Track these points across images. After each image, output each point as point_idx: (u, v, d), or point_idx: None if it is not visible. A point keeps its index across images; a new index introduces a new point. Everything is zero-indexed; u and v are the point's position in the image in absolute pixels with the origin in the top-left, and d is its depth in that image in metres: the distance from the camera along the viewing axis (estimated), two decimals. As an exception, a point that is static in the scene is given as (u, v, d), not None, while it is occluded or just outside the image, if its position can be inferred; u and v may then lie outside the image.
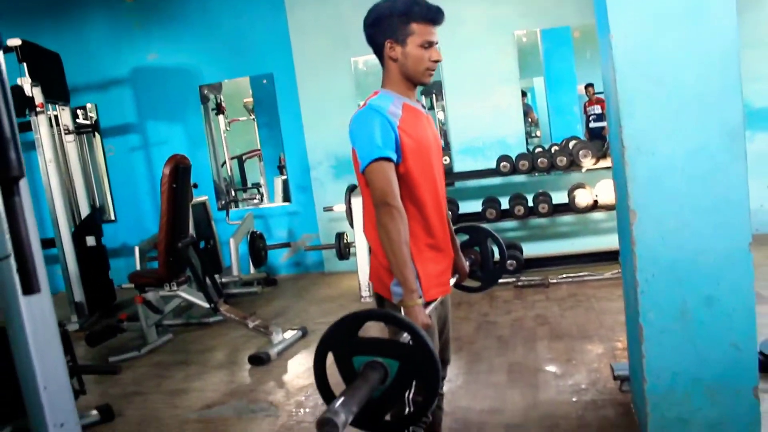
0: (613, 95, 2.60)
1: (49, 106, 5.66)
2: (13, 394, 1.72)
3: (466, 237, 2.65)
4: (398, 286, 2.08)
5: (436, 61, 2.16)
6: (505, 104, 6.46)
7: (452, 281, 2.40)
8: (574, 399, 3.20)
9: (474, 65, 6.40)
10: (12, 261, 1.41)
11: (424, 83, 2.20)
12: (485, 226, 2.70)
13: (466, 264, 2.54)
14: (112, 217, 7.41)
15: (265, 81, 7.14)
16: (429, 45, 2.13)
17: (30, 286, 1.09)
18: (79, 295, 5.68)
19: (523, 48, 6.72)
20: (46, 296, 1.49)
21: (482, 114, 6.45)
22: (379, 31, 2.14)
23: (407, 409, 2.12)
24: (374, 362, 1.65)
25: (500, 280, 4.89)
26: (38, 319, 1.46)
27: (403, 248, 1.99)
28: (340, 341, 1.71)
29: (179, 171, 4.45)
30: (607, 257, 5.57)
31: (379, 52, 2.17)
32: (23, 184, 1.20)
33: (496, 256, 2.74)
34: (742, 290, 2.53)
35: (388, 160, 2.00)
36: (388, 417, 1.82)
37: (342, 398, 1.49)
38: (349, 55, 6.62)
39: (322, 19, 6.62)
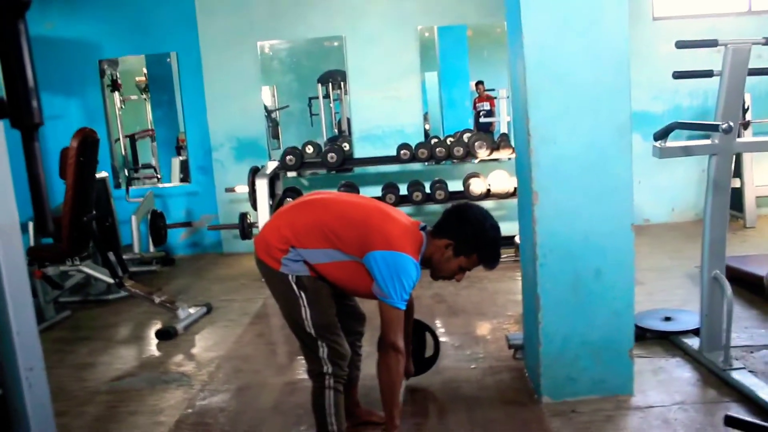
0: (521, 90, 2.89)
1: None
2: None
3: None
4: (293, 263, 2.35)
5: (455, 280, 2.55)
6: (406, 95, 6.74)
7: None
8: (473, 366, 3.50)
9: (378, 56, 6.64)
10: (-9, 211, 1.48)
11: (432, 278, 2.59)
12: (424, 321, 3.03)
13: (412, 367, 2.98)
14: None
15: (168, 60, 7.04)
16: (464, 272, 2.50)
17: (45, 227, 1.18)
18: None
19: (422, 43, 7.02)
20: (19, 243, 1.56)
21: (383, 103, 6.69)
22: (458, 230, 2.45)
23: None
24: None
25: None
26: (12, 264, 1.52)
27: (397, 389, 2.38)
28: None
29: (87, 144, 4.38)
30: (498, 243, 5.98)
31: (440, 232, 2.48)
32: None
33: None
34: (624, 265, 2.92)
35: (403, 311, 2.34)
36: None
37: None
38: (255, 39, 6.67)
39: (230, 2, 6.61)
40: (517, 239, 4.06)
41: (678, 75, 3.10)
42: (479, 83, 10.23)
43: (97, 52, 6.86)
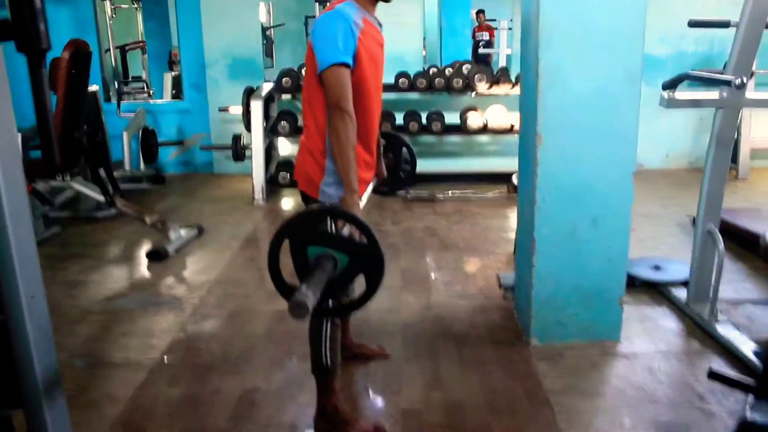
0: (534, 28, 2.81)
1: None
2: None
3: (383, 142, 2.82)
4: (329, 186, 2.23)
5: None
6: (407, 22, 6.56)
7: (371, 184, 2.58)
8: (463, 303, 3.53)
9: (380, -21, 6.41)
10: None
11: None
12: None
13: (383, 170, 2.72)
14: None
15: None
16: None
17: (51, 158, 1.14)
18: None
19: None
20: (20, 170, 1.51)
21: (383, 29, 6.51)
22: None
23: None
24: (327, 254, 1.82)
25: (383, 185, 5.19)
26: (13, 192, 1.48)
27: (350, 150, 2.10)
28: (300, 231, 1.84)
29: (79, 57, 4.24)
30: (491, 179, 5.96)
31: None
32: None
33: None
34: (622, 214, 2.92)
35: (347, 66, 2.09)
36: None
37: (307, 285, 1.66)
38: (255, -49, 6.43)
39: None
40: (514, 179, 4.03)
41: (694, 23, 3.02)
42: (480, 12, 9.98)
43: (88, -42, 6.59)
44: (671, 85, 2.93)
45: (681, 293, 3.42)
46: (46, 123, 1.12)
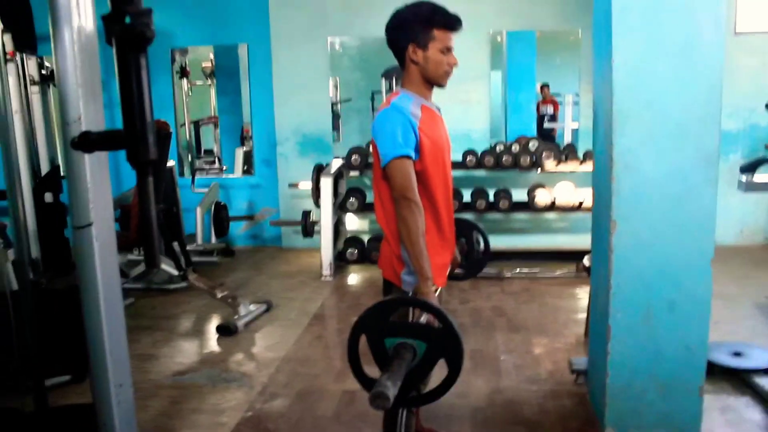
0: (606, 114, 2.82)
1: (18, 55, 5.50)
2: (71, 350, 1.76)
3: None
4: (409, 275, 2.25)
5: (453, 65, 2.31)
6: (474, 99, 6.69)
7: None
8: (534, 388, 3.45)
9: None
10: (93, 229, 1.51)
11: (441, 85, 2.35)
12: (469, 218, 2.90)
13: (458, 254, 2.73)
14: (67, 174, 7.26)
15: (238, 50, 7.13)
16: (447, 50, 2.27)
17: (153, 262, 1.20)
18: (35, 251, 5.58)
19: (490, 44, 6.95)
20: (116, 262, 1.59)
21: (451, 107, 6.60)
22: (402, 35, 2.28)
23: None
24: (405, 343, 1.83)
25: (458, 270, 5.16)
26: (109, 285, 1.56)
27: (420, 239, 2.14)
28: (375, 324, 1.87)
29: (160, 137, 4.46)
30: (558, 256, 5.88)
31: (400, 55, 2.31)
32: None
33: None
34: (701, 299, 2.82)
35: (408, 157, 2.16)
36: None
37: (387, 375, 1.67)
38: (326, 34, 6.70)
39: (305, -5, 6.67)
40: (586, 261, 3.96)
41: (772, 108, 2.97)
42: (544, 86, 10.06)
43: (170, 40, 6.99)
44: (750, 168, 2.88)
45: (765, 382, 3.26)
46: (150, 231, 1.19)
